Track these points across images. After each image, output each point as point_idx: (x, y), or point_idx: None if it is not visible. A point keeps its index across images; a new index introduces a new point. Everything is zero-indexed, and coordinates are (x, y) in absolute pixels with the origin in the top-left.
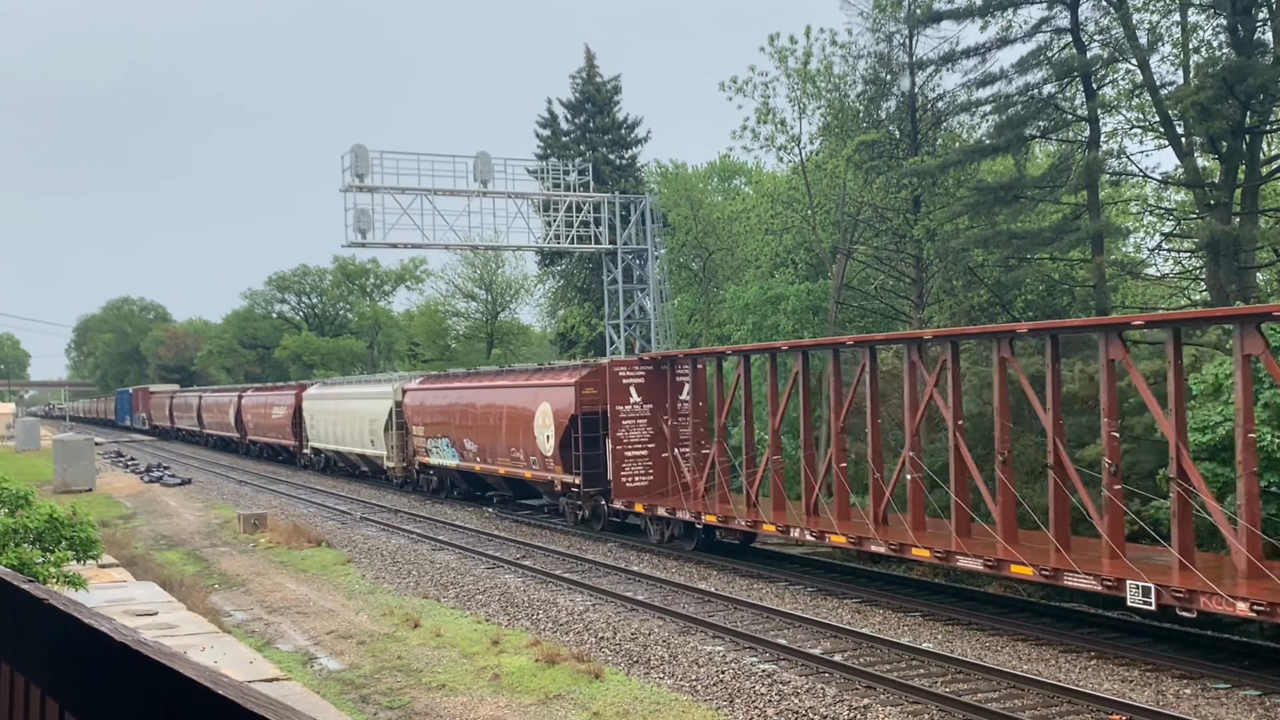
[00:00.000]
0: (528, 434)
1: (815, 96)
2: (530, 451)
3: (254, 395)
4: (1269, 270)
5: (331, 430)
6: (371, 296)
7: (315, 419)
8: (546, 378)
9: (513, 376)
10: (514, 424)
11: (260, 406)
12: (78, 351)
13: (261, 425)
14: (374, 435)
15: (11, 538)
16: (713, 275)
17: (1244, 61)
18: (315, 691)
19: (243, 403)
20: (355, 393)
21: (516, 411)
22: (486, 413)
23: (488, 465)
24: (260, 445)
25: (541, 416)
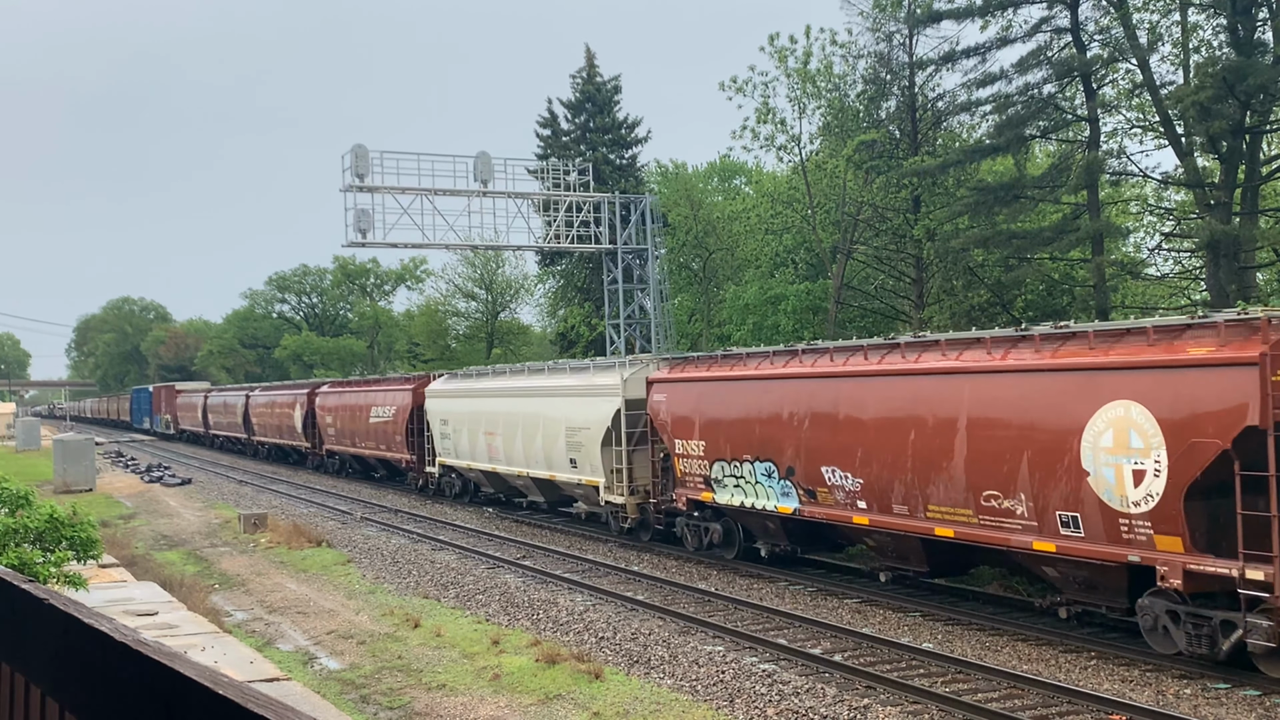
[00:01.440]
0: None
1: (815, 96)
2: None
3: (334, 393)
4: (1269, 270)
5: (484, 443)
6: (371, 296)
7: (449, 425)
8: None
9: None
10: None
11: (345, 408)
12: (78, 351)
13: (348, 432)
14: (580, 452)
15: (12, 538)
16: (713, 275)
17: (1244, 61)
18: (315, 691)
19: (316, 403)
20: (539, 386)
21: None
22: (891, 422)
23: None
24: (344, 458)
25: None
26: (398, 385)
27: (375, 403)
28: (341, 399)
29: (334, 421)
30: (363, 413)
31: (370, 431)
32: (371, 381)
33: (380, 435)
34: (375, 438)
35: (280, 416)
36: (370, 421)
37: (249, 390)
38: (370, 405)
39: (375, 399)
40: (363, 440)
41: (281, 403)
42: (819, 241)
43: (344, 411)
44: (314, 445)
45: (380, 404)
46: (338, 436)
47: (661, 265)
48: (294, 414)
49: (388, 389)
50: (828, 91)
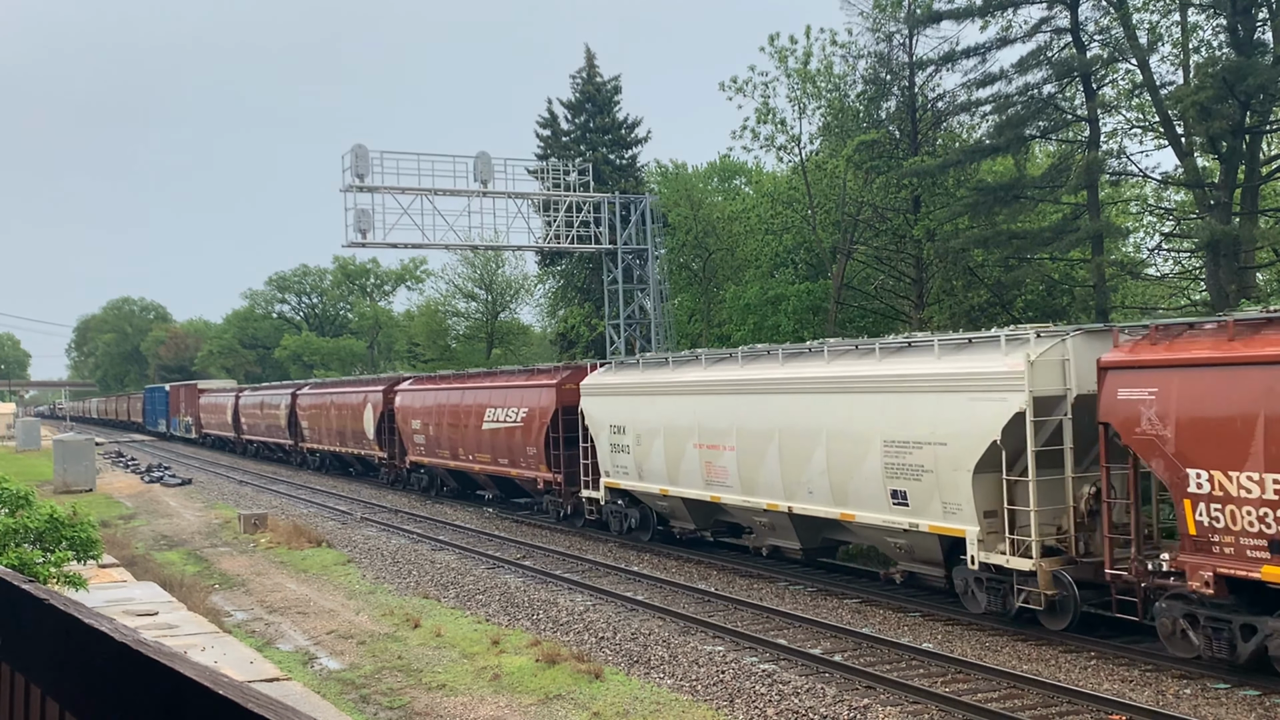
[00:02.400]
0: None
1: (815, 96)
2: None
3: (422, 391)
4: (1269, 270)
5: (696, 461)
6: (371, 296)
7: (627, 433)
8: None
9: None
10: None
11: (443, 410)
12: (78, 351)
13: (446, 440)
14: (918, 481)
15: (12, 538)
16: (713, 275)
17: (1244, 61)
18: (315, 691)
19: (396, 403)
20: (824, 378)
21: None
22: None
23: None
24: (437, 474)
25: None
26: (532, 380)
27: (492, 403)
28: (437, 398)
29: (425, 427)
30: (471, 416)
31: (483, 441)
32: (481, 376)
33: (500, 446)
34: (492, 449)
35: (342, 420)
36: (484, 428)
37: (294, 389)
38: (483, 407)
39: (492, 398)
40: (472, 451)
41: (344, 403)
42: (819, 241)
43: (440, 414)
44: (391, 455)
45: (501, 404)
46: (430, 446)
47: (661, 265)
48: (364, 417)
49: (514, 385)
50: (828, 92)
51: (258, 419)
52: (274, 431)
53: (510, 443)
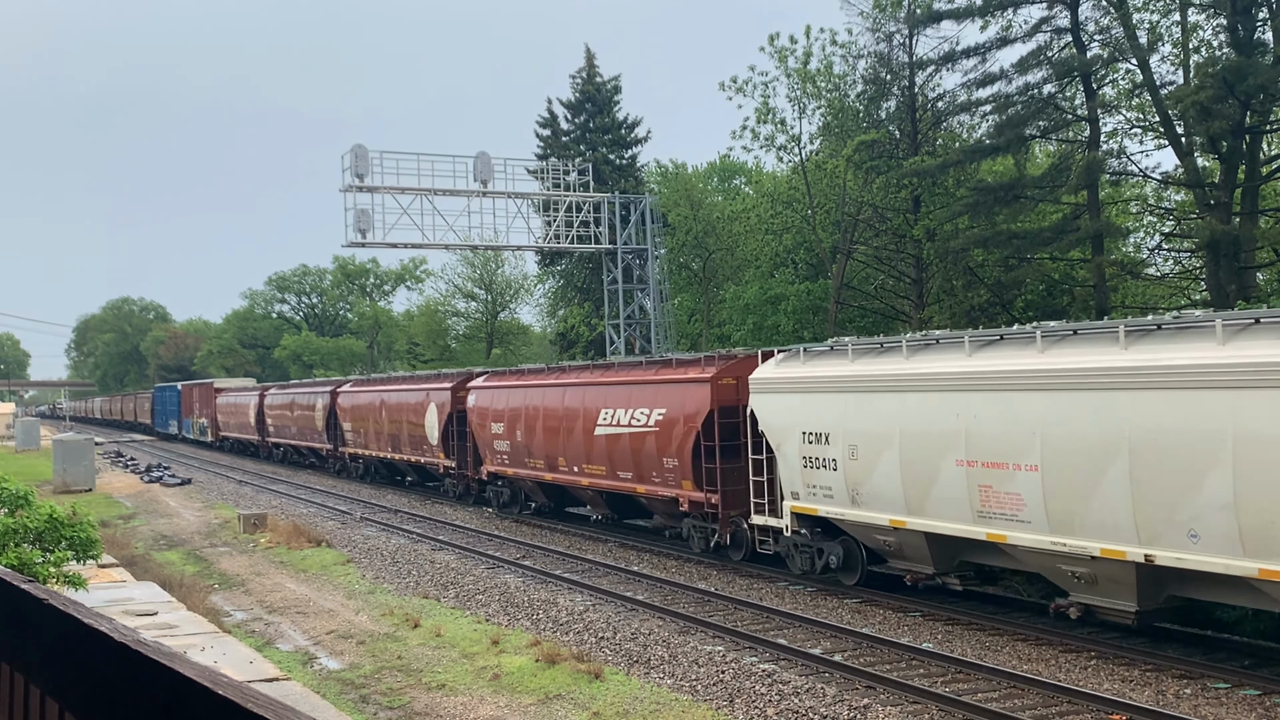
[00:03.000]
0: None
1: (815, 96)
2: None
3: (505, 388)
4: (1269, 270)
5: (957, 482)
6: (371, 296)
7: (834, 444)
8: None
9: None
10: None
11: (533, 411)
12: (78, 351)
13: (539, 448)
14: None
15: (11, 538)
16: (713, 275)
17: (1244, 61)
18: (315, 691)
19: (470, 403)
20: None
21: None
22: None
23: None
24: (521, 487)
25: None
26: (674, 374)
27: (609, 403)
28: (526, 398)
29: (509, 431)
30: (577, 420)
31: (595, 450)
32: (592, 370)
33: (621, 456)
34: (608, 460)
35: (396, 422)
36: (597, 434)
37: (333, 386)
38: (596, 408)
39: (609, 397)
40: (577, 463)
41: (400, 403)
42: (819, 241)
43: (531, 417)
44: (461, 464)
45: (623, 404)
46: (516, 454)
47: (661, 265)
48: (425, 419)
49: (645, 380)
50: (828, 91)
51: (286, 420)
52: (308, 434)
53: (637, 452)
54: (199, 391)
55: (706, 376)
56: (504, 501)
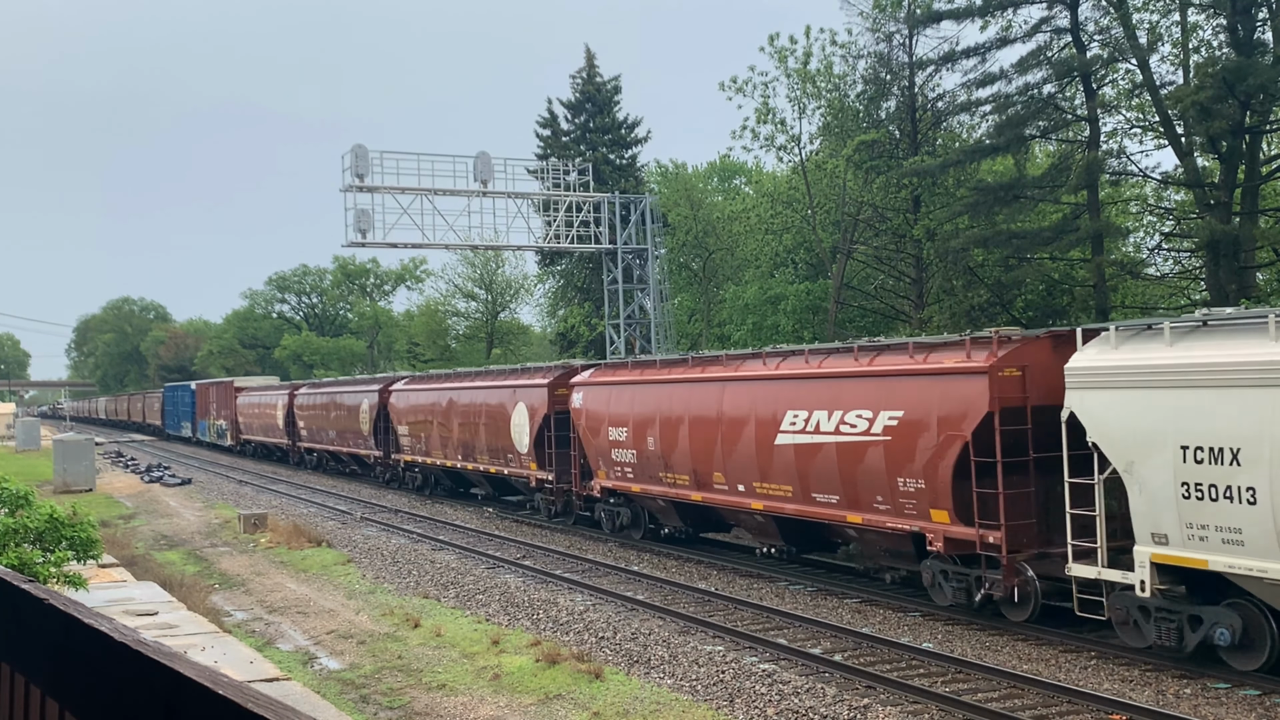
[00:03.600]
0: None
1: (815, 96)
2: None
3: (645, 385)
4: (1269, 270)
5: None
6: (371, 296)
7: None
8: None
9: None
10: None
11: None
12: (78, 351)
13: (735, 463)
14: None
15: (12, 538)
16: (713, 275)
17: (1244, 61)
18: (315, 691)
19: (577, 403)
20: None
21: None
22: None
23: None
24: (656, 512)
25: None
26: (905, 363)
27: (798, 403)
28: (661, 396)
29: (635, 438)
30: (745, 426)
31: (776, 463)
32: (747, 360)
33: (821, 472)
34: (796, 476)
35: (469, 427)
36: (779, 442)
37: (382, 384)
38: (778, 410)
39: (799, 396)
40: (746, 478)
41: (474, 404)
42: (819, 241)
43: (666, 420)
44: (559, 478)
45: (823, 404)
46: (644, 467)
47: (661, 265)
48: (510, 423)
49: (861, 371)
50: (828, 91)
51: (322, 422)
52: (350, 439)
53: (851, 469)
54: (217, 391)
55: (982, 366)
56: (621, 524)
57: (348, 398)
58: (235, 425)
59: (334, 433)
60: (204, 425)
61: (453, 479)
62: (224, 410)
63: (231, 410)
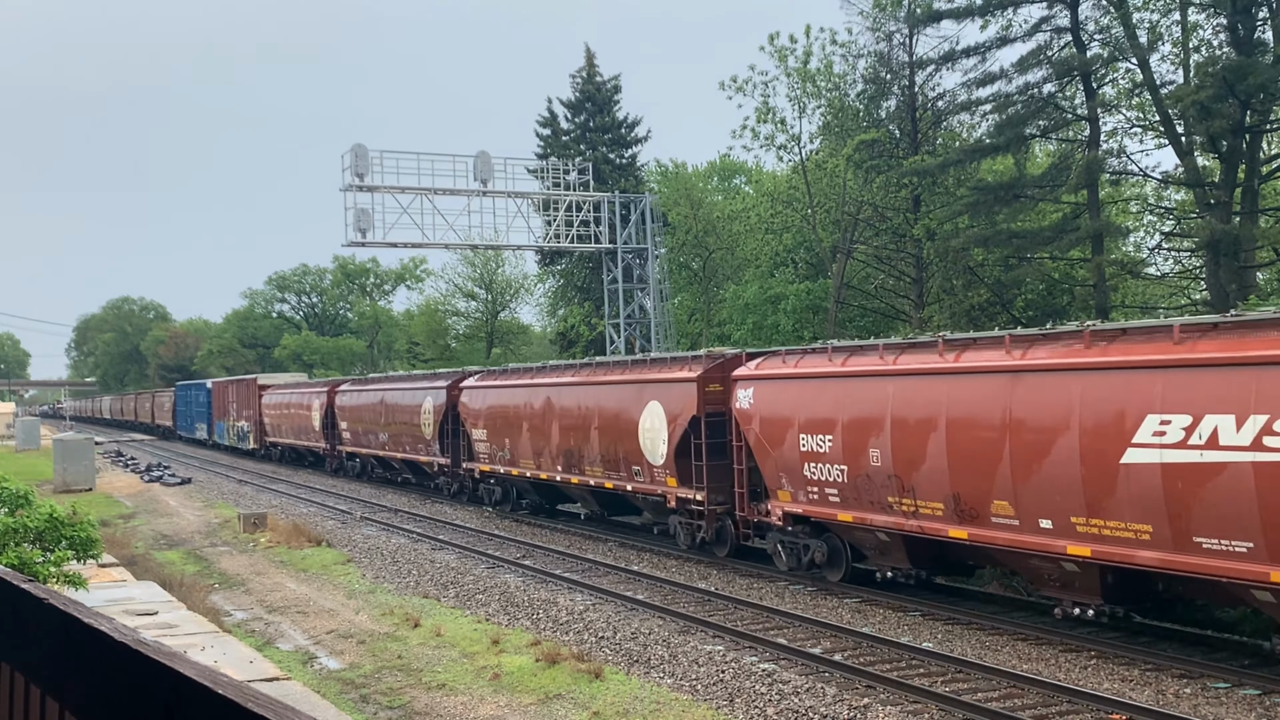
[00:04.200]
0: None
1: (815, 96)
2: None
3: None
4: (1269, 270)
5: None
6: (371, 296)
7: None
8: None
9: None
10: None
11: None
12: (78, 351)
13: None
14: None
15: (11, 537)
16: (713, 275)
17: (1244, 61)
18: (315, 691)
19: (744, 400)
20: None
21: None
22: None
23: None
24: (870, 548)
25: None
26: None
27: (1162, 402)
28: (945, 393)
29: (895, 448)
30: (1103, 439)
31: (1132, 489)
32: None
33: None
34: (1256, 521)
35: (581, 432)
36: (1129, 461)
37: (451, 380)
38: (1144, 411)
39: (1243, 389)
40: (979, 503)
41: (589, 405)
42: (819, 241)
43: (958, 431)
44: (709, 496)
45: (1216, 405)
46: (901, 481)
47: (661, 265)
48: (640, 426)
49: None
50: (828, 91)
51: (372, 425)
52: (408, 443)
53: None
54: (237, 389)
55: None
56: (812, 561)
57: (405, 396)
58: (259, 427)
59: (385, 435)
60: (221, 427)
61: (543, 494)
62: (246, 410)
63: (255, 410)
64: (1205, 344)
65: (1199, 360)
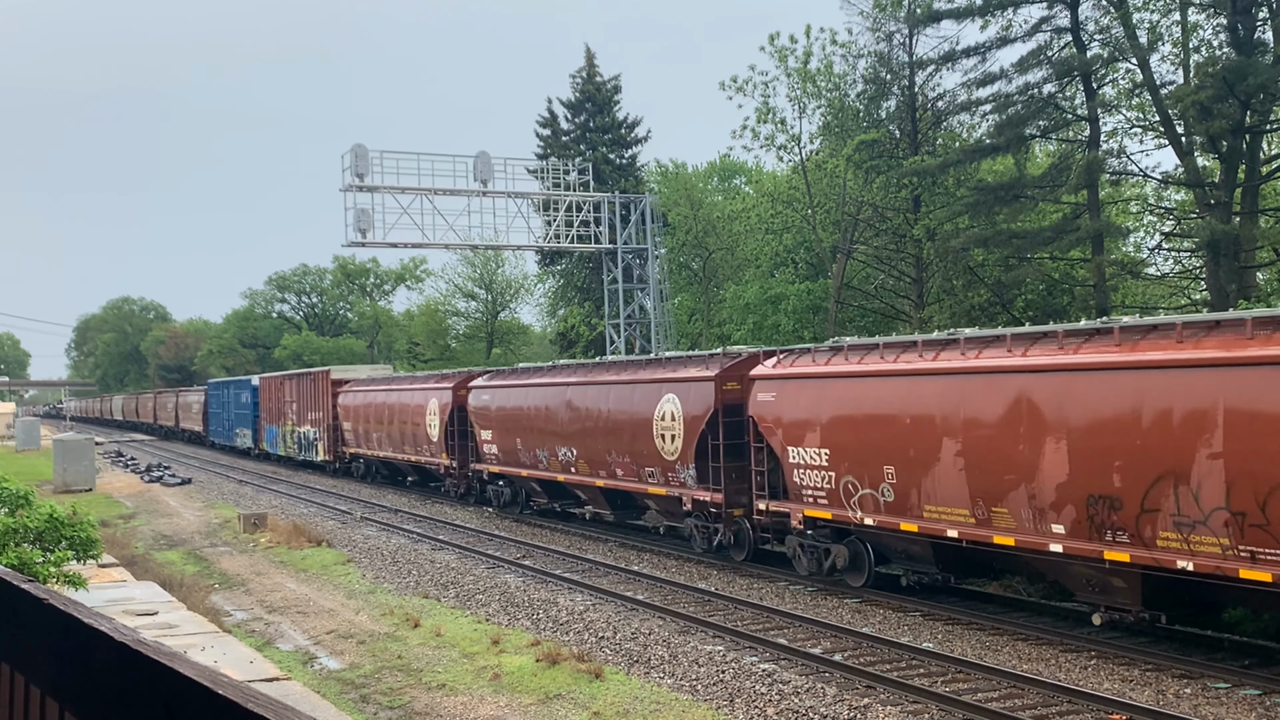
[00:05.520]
0: None
1: (815, 96)
2: None
3: None
4: (1269, 270)
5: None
6: (371, 296)
7: None
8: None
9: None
10: None
11: None
12: (78, 351)
13: None
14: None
15: (11, 537)
16: (713, 275)
17: (1244, 61)
18: (315, 691)
19: None
20: None
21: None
22: None
23: None
24: None
25: None
26: None
27: None
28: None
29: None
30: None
31: None
32: None
33: None
34: None
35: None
36: None
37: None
38: None
39: None
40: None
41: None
42: (819, 241)
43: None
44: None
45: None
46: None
47: (661, 265)
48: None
49: None
50: (828, 91)
51: (537, 435)
52: (625, 465)
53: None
54: (299, 386)
55: None
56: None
57: (632, 396)
58: (334, 433)
59: (616, 454)
60: (273, 433)
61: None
62: (312, 412)
63: (326, 412)
64: None
65: None
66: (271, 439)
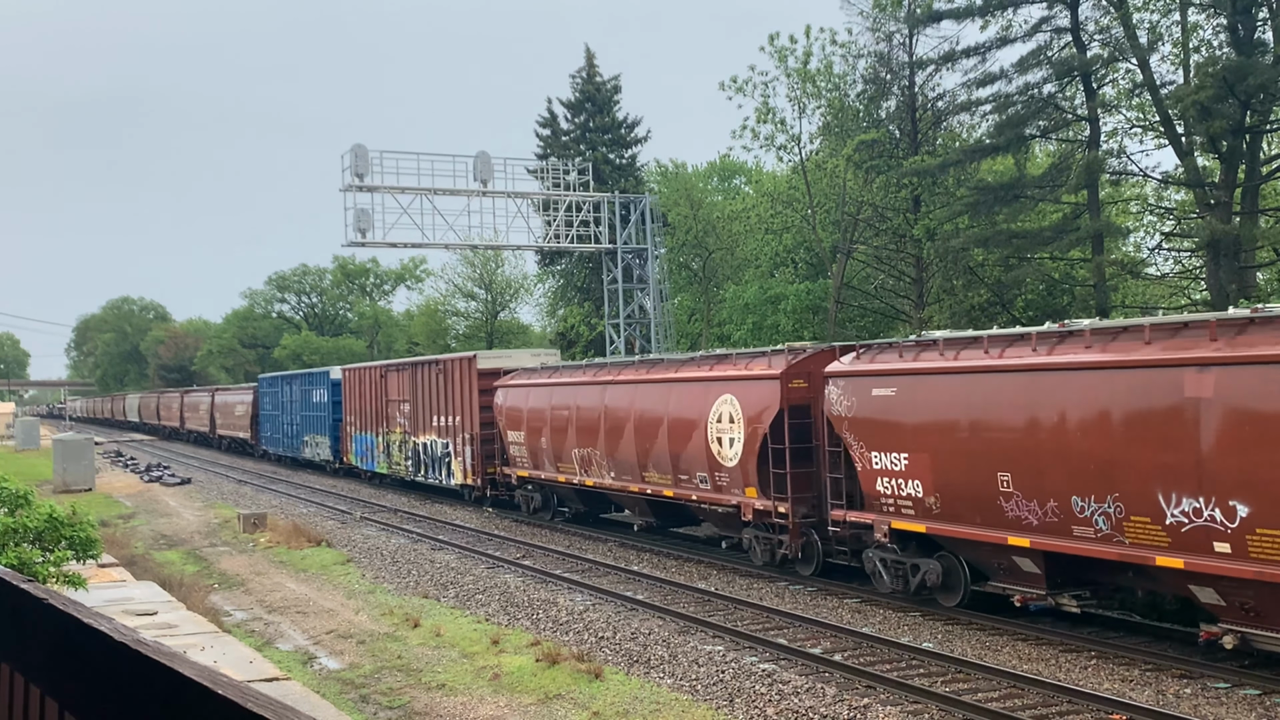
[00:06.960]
0: None
1: (815, 96)
2: None
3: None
4: (1269, 270)
5: None
6: (371, 296)
7: None
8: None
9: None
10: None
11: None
12: (78, 351)
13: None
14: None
15: (11, 537)
16: (713, 275)
17: (1244, 61)
18: (315, 691)
19: None
20: None
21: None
22: None
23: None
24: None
25: None
26: None
27: None
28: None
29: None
30: None
31: None
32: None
33: None
34: None
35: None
36: None
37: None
38: None
39: None
40: None
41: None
42: (819, 241)
43: None
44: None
45: None
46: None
47: (661, 265)
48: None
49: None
50: (828, 91)
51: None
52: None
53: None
54: (421, 378)
55: None
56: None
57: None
58: (481, 445)
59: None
60: (368, 442)
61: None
62: (442, 416)
63: (467, 416)
64: None
65: None
66: (364, 451)
